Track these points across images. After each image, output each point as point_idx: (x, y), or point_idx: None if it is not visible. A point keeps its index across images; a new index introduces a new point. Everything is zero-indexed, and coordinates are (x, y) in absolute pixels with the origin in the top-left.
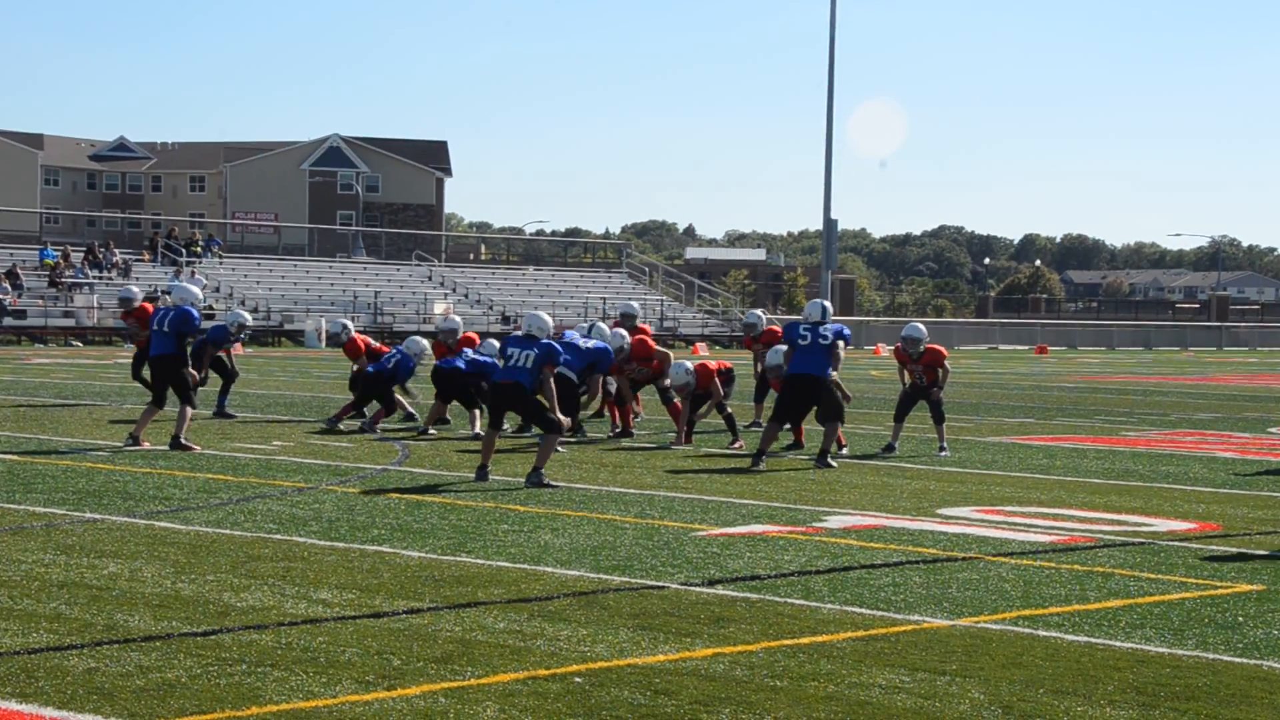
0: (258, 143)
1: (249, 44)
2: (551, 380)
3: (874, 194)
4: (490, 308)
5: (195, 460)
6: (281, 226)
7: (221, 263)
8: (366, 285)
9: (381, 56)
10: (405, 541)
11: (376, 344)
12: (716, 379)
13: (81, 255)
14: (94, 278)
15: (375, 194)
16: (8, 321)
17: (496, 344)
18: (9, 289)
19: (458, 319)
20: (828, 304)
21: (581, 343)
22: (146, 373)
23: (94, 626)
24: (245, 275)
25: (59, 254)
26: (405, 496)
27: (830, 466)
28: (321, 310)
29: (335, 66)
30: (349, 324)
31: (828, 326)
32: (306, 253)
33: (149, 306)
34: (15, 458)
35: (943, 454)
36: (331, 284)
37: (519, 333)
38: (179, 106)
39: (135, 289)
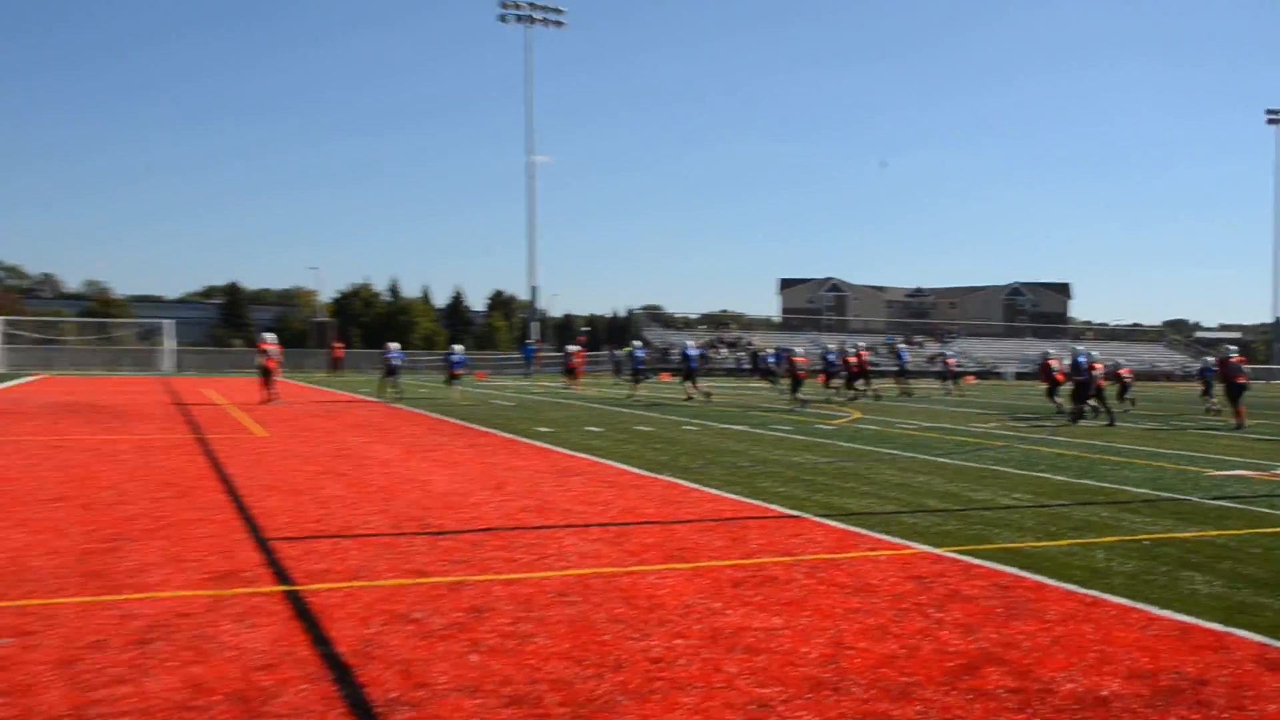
0: (971, 286)
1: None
2: None
3: None
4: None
5: (953, 429)
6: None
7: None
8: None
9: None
10: (1057, 469)
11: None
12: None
13: (903, 340)
14: (907, 348)
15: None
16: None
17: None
18: (903, 350)
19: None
20: None
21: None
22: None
23: (908, 503)
24: (968, 348)
25: (895, 339)
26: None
27: None
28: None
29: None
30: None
31: None
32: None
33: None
34: (879, 428)
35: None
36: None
37: None
38: (958, 265)
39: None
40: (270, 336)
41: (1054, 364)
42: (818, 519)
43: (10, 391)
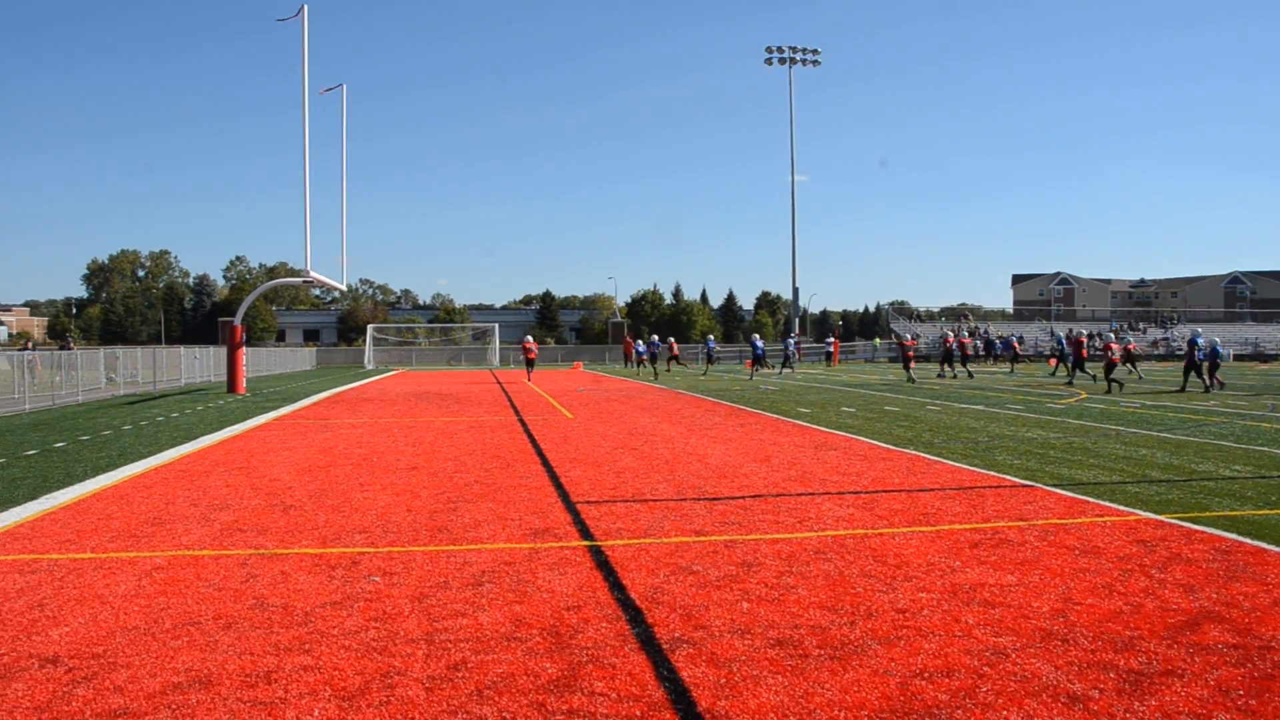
0: (1192, 276)
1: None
2: None
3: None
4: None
5: (1174, 406)
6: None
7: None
8: None
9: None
10: (1277, 444)
11: None
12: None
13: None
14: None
15: None
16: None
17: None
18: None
19: None
20: None
21: None
22: None
23: (1133, 474)
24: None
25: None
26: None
27: None
28: None
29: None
30: None
31: None
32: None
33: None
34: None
35: None
36: None
37: None
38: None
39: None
40: (530, 338)
41: (1115, 347)
42: (1049, 488)
43: (378, 384)
